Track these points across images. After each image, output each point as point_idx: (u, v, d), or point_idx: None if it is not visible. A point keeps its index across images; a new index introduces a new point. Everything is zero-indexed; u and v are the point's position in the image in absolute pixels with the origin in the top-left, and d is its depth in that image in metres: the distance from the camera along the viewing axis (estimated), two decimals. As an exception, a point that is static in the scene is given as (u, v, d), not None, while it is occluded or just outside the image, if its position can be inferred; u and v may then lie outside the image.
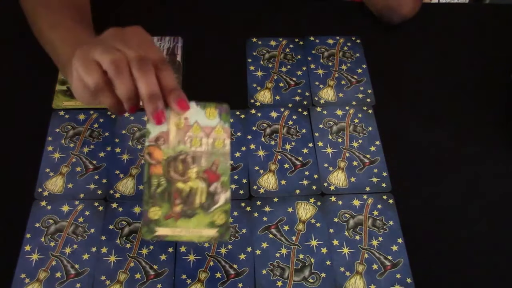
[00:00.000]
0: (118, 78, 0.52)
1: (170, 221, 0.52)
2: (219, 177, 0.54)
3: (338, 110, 0.75)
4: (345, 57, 0.80)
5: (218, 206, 0.53)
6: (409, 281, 0.61)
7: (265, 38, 0.82)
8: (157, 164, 0.53)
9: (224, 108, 0.56)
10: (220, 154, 0.54)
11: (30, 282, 0.59)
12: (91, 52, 0.53)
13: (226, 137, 0.55)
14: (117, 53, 0.52)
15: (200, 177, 0.54)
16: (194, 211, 0.53)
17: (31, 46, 0.80)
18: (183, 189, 0.53)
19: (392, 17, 0.82)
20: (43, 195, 0.66)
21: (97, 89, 0.54)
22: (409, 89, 0.78)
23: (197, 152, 0.54)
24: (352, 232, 0.64)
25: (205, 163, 0.54)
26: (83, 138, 0.71)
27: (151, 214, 0.52)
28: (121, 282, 0.60)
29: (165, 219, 0.52)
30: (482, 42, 0.84)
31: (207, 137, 0.55)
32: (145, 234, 0.52)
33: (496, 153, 0.72)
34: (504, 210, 0.67)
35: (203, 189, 0.53)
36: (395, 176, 0.68)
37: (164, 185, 0.53)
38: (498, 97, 0.77)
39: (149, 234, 0.52)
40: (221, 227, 0.53)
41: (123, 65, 0.52)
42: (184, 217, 0.53)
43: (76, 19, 0.68)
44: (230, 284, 0.60)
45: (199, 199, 0.53)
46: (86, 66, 0.53)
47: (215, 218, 0.53)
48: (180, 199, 0.53)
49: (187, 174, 0.54)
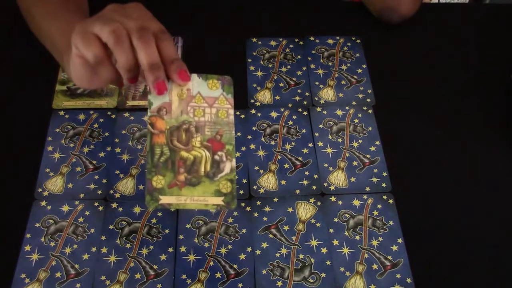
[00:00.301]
0: (118, 48, 0.51)
1: (175, 189, 0.52)
2: (223, 146, 0.53)
3: (338, 110, 0.75)
4: (345, 57, 0.80)
5: (223, 175, 0.53)
6: (409, 281, 0.61)
7: (265, 38, 0.82)
8: (159, 133, 0.53)
9: (226, 80, 0.55)
10: (224, 123, 0.54)
11: (30, 282, 0.59)
12: (90, 26, 0.52)
13: (230, 107, 0.55)
14: (117, 24, 0.51)
15: (204, 146, 0.53)
16: (199, 179, 0.52)
17: (31, 46, 0.80)
18: (187, 158, 0.53)
19: (392, 16, 0.82)
20: (43, 195, 0.66)
21: (97, 62, 0.53)
22: (409, 89, 0.78)
23: (201, 122, 0.54)
24: (352, 232, 0.64)
25: (209, 133, 0.54)
26: (83, 138, 0.71)
27: (155, 183, 0.52)
28: (121, 282, 0.60)
29: (169, 187, 0.52)
30: (482, 42, 0.84)
31: (210, 107, 0.54)
32: (149, 203, 0.51)
33: (496, 153, 0.72)
34: (504, 210, 0.67)
35: (207, 158, 0.53)
36: (395, 176, 0.68)
37: (168, 154, 0.52)
38: (498, 97, 0.77)
39: (153, 203, 0.51)
40: (226, 196, 0.52)
41: (123, 35, 0.51)
42: (189, 186, 0.52)
43: (73, 10, 0.68)
44: (230, 284, 0.60)
45: (203, 168, 0.53)
46: (85, 40, 0.52)
47: (220, 187, 0.52)
48: (184, 168, 0.52)
49: (190, 143, 0.53)
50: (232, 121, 0.54)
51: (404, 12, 0.81)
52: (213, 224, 0.64)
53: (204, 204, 0.52)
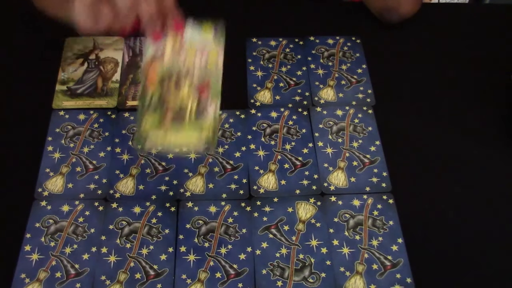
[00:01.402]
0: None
1: (161, 131, 0.55)
2: (209, 92, 0.57)
3: (338, 110, 0.75)
4: (345, 57, 0.80)
5: (207, 120, 0.56)
6: (409, 281, 0.61)
7: (265, 38, 0.82)
8: (151, 80, 0.56)
9: (219, 24, 0.59)
10: (211, 73, 0.58)
11: (30, 282, 0.59)
12: None
13: (219, 58, 0.58)
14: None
15: (191, 93, 0.56)
16: (184, 123, 0.55)
17: (31, 46, 0.80)
18: (174, 103, 0.56)
19: (392, 17, 0.82)
20: (43, 195, 0.66)
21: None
22: (409, 89, 0.78)
23: (190, 69, 0.57)
24: (352, 232, 0.64)
25: (197, 81, 0.57)
26: (83, 138, 0.71)
27: (144, 124, 0.55)
28: (121, 282, 0.60)
29: (156, 129, 0.55)
30: (482, 42, 0.84)
31: (201, 56, 0.58)
32: (136, 141, 0.55)
33: (496, 153, 0.72)
34: (505, 210, 0.67)
35: (193, 104, 0.56)
36: (395, 176, 0.68)
37: (157, 100, 0.56)
38: (498, 97, 0.77)
39: (140, 143, 0.55)
40: (208, 139, 0.56)
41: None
42: (174, 128, 0.55)
43: None
44: (230, 284, 0.60)
45: (189, 113, 0.56)
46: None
47: (203, 131, 0.56)
48: (172, 113, 0.56)
49: (179, 90, 0.56)
50: (220, 72, 0.58)
51: (404, 12, 0.81)
52: (213, 224, 0.64)
53: (186, 145, 0.56)
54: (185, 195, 0.66)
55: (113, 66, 0.78)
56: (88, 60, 0.78)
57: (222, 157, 0.70)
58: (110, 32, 0.57)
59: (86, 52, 0.79)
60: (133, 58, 0.79)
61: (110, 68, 0.78)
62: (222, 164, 0.69)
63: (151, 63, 0.56)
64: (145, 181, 0.67)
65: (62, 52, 0.79)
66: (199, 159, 0.69)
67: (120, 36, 0.60)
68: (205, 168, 0.68)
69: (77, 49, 0.79)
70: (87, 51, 0.79)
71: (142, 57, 0.56)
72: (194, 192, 0.67)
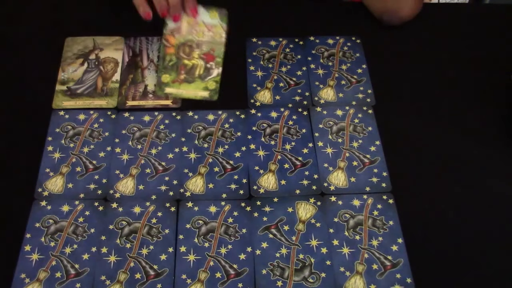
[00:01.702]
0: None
1: (176, 84, 0.74)
2: (214, 58, 0.75)
3: (338, 110, 0.75)
4: (345, 57, 0.80)
5: (211, 77, 0.74)
6: (409, 281, 0.61)
7: (265, 38, 0.82)
8: (170, 46, 0.75)
9: (223, 11, 0.76)
10: (217, 43, 0.75)
11: (30, 282, 0.59)
12: None
13: (223, 32, 0.75)
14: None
15: (200, 57, 0.75)
16: (194, 79, 0.74)
17: (31, 46, 0.80)
18: (187, 64, 0.75)
19: (392, 19, 0.82)
20: (43, 195, 0.66)
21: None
22: (409, 89, 0.78)
23: (200, 40, 0.75)
24: (352, 232, 0.64)
25: (205, 49, 0.75)
26: (83, 138, 0.71)
27: (163, 78, 0.74)
28: (121, 282, 0.60)
29: (172, 83, 0.74)
30: (482, 42, 0.84)
31: (208, 31, 0.75)
32: (157, 91, 0.74)
33: (496, 153, 0.72)
34: (504, 210, 0.67)
35: (201, 65, 0.74)
36: (395, 176, 0.68)
37: (174, 60, 0.75)
38: (498, 97, 0.77)
39: (160, 91, 0.74)
40: (211, 91, 0.73)
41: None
42: (186, 83, 0.74)
43: None
44: (230, 284, 0.60)
45: (198, 72, 0.74)
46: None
47: (208, 85, 0.74)
48: (185, 71, 0.74)
49: (191, 55, 0.75)
50: (223, 42, 0.75)
51: (404, 15, 0.81)
52: (213, 224, 0.64)
53: (194, 95, 0.73)
54: (185, 195, 0.66)
55: (113, 66, 0.78)
56: (88, 60, 0.78)
57: (222, 157, 0.70)
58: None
59: (86, 52, 0.79)
60: (133, 58, 0.79)
61: (110, 68, 0.78)
62: (222, 164, 0.69)
63: (171, 34, 0.75)
64: (145, 181, 0.67)
65: (62, 52, 0.79)
66: (199, 159, 0.69)
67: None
68: (205, 168, 0.68)
69: (77, 49, 0.79)
70: (87, 51, 0.79)
71: (163, 30, 0.75)
72: (194, 192, 0.67)
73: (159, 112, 0.73)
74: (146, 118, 0.73)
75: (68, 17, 0.84)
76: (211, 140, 0.71)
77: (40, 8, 0.84)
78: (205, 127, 0.72)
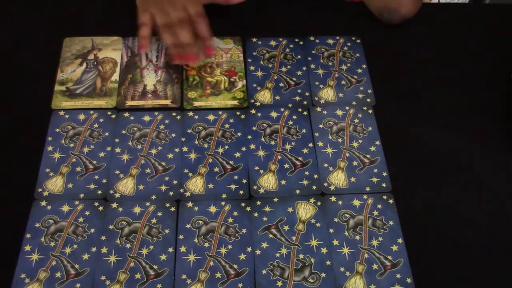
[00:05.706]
0: (165, 30, 0.74)
1: (203, 98, 0.75)
2: (236, 73, 0.78)
3: (338, 110, 0.75)
4: (345, 57, 0.80)
5: (237, 88, 0.76)
6: (409, 281, 0.61)
7: (265, 38, 0.82)
8: (191, 69, 0.78)
9: (236, 38, 0.81)
10: (236, 61, 0.79)
11: (30, 282, 0.59)
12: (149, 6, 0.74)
13: (240, 52, 0.79)
14: (167, 16, 0.73)
15: (223, 74, 0.77)
16: (220, 92, 0.75)
17: (31, 46, 0.80)
18: (211, 81, 0.77)
19: (392, 17, 0.82)
20: (43, 195, 0.65)
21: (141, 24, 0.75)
22: (409, 89, 0.78)
23: (219, 61, 0.79)
24: (352, 232, 0.64)
25: (226, 67, 0.78)
26: (83, 138, 0.71)
27: (189, 95, 0.75)
28: (121, 282, 0.60)
29: (200, 97, 0.75)
30: (482, 42, 0.84)
31: (225, 54, 0.79)
32: (186, 106, 0.74)
33: (496, 153, 0.72)
34: (504, 210, 0.67)
35: (225, 80, 0.77)
36: (395, 176, 0.68)
37: (198, 80, 0.77)
38: (498, 97, 0.77)
39: (189, 106, 0.74)
40: (240, 99, 0.75)
41: (170, 25, 0.73)
42: (213, 96, 0.75)
43: None
44: (230, 284, 0.60)
45: (223, 85, 0.76)
46: (142, 12, 0.75)
47: (236, 95, 0.75)
48: (210, 86, 0.76)
49: (213, 73, 0.77)
50: (242, 60, 0.79)
51: (404, 13, 0.81)
52: (213, 224, 0.64)
53: (224, 104, 0.74)
54: (185, 195, 0.66)
55: (112, 66, 0.78)
56: (86, 60, 0.78)
57: (222, 157, 0.70)
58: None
59: (85, 52, 0.79)
60: (132, 58, 0.79)
61: (109, 68, 0.78)
62: (222, 164, 0.69)
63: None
64: (145, 181, 0.67)
65: (61, 53, 0.79)
66: (199, 159, 0.69)
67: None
68: (205, 168, 0.68)
69: (75, 50, 0.79)
70: (85, 52, 0.79)
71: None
72: (194, 192, 0.66)
73: (159, 112, 0.73)
74: (146, 118, 0.73)
75: (66, 18, 0.84)
76: (211, 140, 0.71)
77: (39, 9, 0.84)
78: (205, 127, 0.72)
